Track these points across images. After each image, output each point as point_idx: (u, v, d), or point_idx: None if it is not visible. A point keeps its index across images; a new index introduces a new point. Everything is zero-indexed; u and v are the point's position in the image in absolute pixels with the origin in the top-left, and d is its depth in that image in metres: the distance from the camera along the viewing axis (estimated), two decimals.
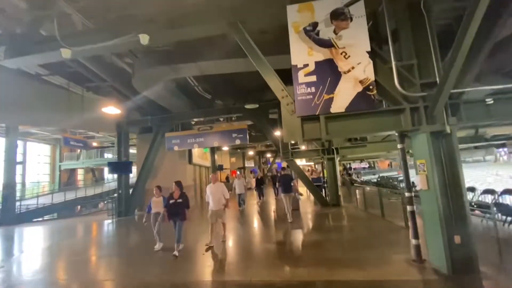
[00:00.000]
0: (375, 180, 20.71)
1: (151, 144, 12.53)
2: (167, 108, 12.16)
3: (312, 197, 13.60)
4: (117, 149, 12.79)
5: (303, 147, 13.19)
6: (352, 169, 43.26)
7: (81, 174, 29.38)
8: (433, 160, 3.81)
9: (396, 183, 12.30)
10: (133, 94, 10.14)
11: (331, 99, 4.10)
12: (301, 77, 4.22)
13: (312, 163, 32.80)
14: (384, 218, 7.62)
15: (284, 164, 41.46)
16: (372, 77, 4.03)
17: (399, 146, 4.45)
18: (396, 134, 4.46)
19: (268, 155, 36.74)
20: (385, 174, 30.16)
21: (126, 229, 10.11)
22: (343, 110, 4.08)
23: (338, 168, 10.48)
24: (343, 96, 4.08)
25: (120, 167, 12.29)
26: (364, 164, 46.09)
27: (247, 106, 10.60)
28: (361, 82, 4.06)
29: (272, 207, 11.72)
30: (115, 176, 13.64)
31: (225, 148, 22.62)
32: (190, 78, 10.80)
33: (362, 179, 25.93)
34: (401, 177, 12.78)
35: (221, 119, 11.97)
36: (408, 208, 4.28)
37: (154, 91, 10.01)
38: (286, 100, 4.42)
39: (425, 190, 3.92)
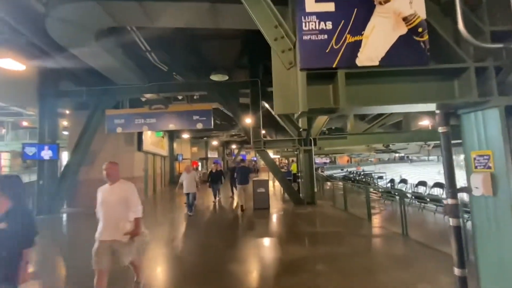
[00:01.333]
0: (342, 176, 20.33)
1: (86, 122, 9.84)
2: (110, 79, 9.57)
3: (282, 194, 12.51)
4: (38, 128, 9.79)
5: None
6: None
7: (6, 159, 24.40)
8: (507, 149, 2.44)
9: (370, 179, 11.63)
10: (56, 51, 7.46)
11: (357, 44, 2.47)
12: (309, 3, 2.51)
13: (277, 156, 31.95)
14: (371, 221, 6.50)
15: (249, 157, 39.98)
16: (423, 14, 2.50)
17: (441, 129, 3.03)
18: (437, 111, 3.04)
19: (233, 146, 34.92)
20: (349, 169, 30.54)
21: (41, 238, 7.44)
22: (377, 63, 2.49)
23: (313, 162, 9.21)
24: (377, 40, 2.49)
25: (40, 151, 9.39)
26: (326, 159, 47.07)
27: (213, 77, 8.69)
28: (405, 20, 2.50)
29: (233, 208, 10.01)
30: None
31: (186, 136, 20.20)
32: (141, 39, 8.45)
33: (325, 174, 25.70)
34: (375, 173, 12.12)
35: (180, 97, 9.82)
36: (452, 222, 2.91)
37: (88, 51, 7.50)
38: (282, 44, 2.67)
39: (488, 196, 2.55)
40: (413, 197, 8.05)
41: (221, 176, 10.14)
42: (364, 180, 12.03)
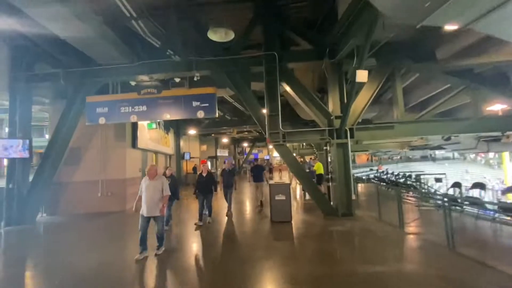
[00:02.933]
0: (371, 177, 17.64)
1: (63, 112, 8.02)
2: (94, 61, 7.70)
3: (302, 198, 10.34)
4: (8, 120, 8.07)
5: None
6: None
7: None
8: None
9: (417, 183, 9.13)
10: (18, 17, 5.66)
11: None
12: None
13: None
14: (454, 248, 4.18)
15: (261, 155, 37.79)
16: None
17: None
18: None
19: (245, 144, 32.87)
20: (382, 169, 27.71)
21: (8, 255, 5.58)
22: None
23: (350, 159, 6.91)
24: None
25: (8, 148, 7.65)
26: None
27: (212, 35, 6.64)
28: None
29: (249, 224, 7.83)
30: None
31: (192, 132, 18.32)
32: (124, 3, 6.53)
33: None
34: (423, 174, 9.62)
35: (177, 80, 7.81)
36: None
37: (51, 13, 5.63)
38: None
39: None
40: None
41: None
42: (409, 183, 9.59)
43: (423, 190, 8.81)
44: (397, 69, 7.29)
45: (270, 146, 41.24)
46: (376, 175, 15.70)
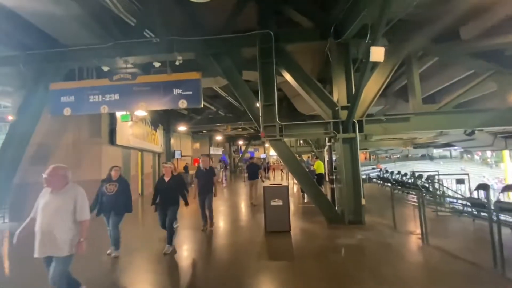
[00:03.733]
0: (375, 176, 16.60)
1: (23, 101, 6.83)
2: (61, 43, 6.55)
3: (301, 200, 9.39)
4: None
5: None
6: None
7: None
8: None
9: (429, 183, 8.11)
10: None
11: None
12: None
13: None
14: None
15: (257, 154, 36.72)
16: None
17: None
18: None
19: (240, 142, 31.77)
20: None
21: None
22: None
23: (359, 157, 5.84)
24: None
25: None
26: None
27: None
28: None
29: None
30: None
31: (182, 128, 17.14)
32: None
33: None
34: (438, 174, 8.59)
35: (157, 65, 6.68)
36: None
37: None
38: None
39: None
40: None
41: (180, 190, 4.75)
42: (419, 184, 8.56)
43: (439, 192, 7.75)
44: (413, 51, 6.24)
45: (267, 144, 40.20)
46: (378, 174, 14.68)
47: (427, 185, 8.52)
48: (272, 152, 41.58)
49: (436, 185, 8.24)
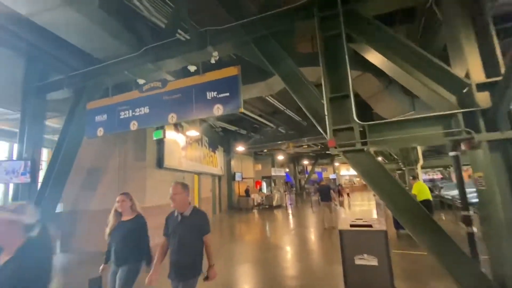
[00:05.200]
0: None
1: (64, 124, 6.50)
2: (91, 55, 6.10)
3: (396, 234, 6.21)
4: (18, 138, 7.01)
5: None
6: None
7: None
8: None
9: None
10: None
11: None
12: None
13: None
14: None
15: (326, 174, 33.12)
16: None
17: None
18: None
19: (305, 161, 29.13)
20: None
21: None
22: None
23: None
24: None
25: (11, 171, 6.43)
26: (435, 174, 35.02)
27: None
28: None
29: None
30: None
31: (240, 148, 16.00)
32: None
33: (449, 196, 16.60)
34: None
35: (192, 69, 5.45)
36: None
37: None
38: None
39: None
40: None
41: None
42: None
43: None
44: None
45: (336, 163, 36.27)
46: None
47: None
48: (345, 171, 36.99)
49: None
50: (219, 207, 15.82)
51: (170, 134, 9.12)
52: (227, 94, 4.63)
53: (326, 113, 3.88)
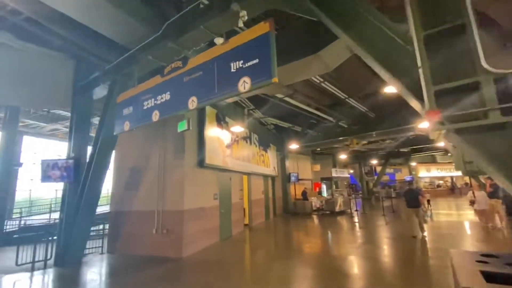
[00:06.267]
0: None
1: (100, 120, 6.22)
2: (121, 44, 5.63)
3: None
4: (68, 137, 7.14)
5: None
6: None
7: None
8: None
9: None
10: None
11: None
12: None
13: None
14: None
15: (400, 176, 28.48)
16: None
17: None
18: None
19: (374, 161, 25.39)
20: None
21: None
22: None
23: None
24: None
25: (55, 169, 6.49)
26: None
27: None
28: None
29: None
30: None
31: (294, 146, 14.38)
32: None
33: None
34: None
35: (219, 42, 4.37)
36: None
37: None
38: None
39: None
40: None
41: None
42: None
43: None
44: None
45: (413, 163, 31.02)
46: None
47: None
48: (424, 172, 30.97)
49: None
50: (273, 211, 14.55)
51: (213, 131, 8.31)
52: (256, 61, 3.30)
53: (419, 62, 2.16)
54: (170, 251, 6.57)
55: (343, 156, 19.98)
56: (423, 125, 9.40)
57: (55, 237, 6.68)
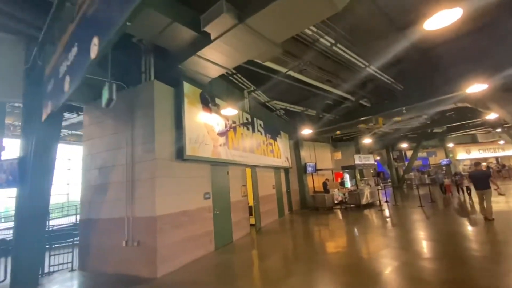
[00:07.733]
0: None
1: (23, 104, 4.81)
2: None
3: None
4: (21, 133, 5.89)
5: None
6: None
7: None
8: None
9: None
10: None
11: None
12: None
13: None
14: None
15: (434, 159, 25.28)
16: None
17: None
18: None
19: (403, 145, 22.50)
20: None
21: None
22: None
23: None
24: None
25: (2, 174, 5.24)
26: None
27: None
28: None
29: None
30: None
31: (307, 131, 12.39)
32: None
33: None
34: None
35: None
36: None
37: None
38: None
39: None
40: None
41: None
42: None
43: None
44: None
45: (450, 144, 27.68)
46: None
47: None
48: (463, 154, 27.25)
49: None
50: (289, 206, 12.81)
51: (197, 115, 6.69)
52: None
53: None
54: (142, 269, 5.12)
55: (367, 141, 17.59)
56: (475, 88, 7.09)
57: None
